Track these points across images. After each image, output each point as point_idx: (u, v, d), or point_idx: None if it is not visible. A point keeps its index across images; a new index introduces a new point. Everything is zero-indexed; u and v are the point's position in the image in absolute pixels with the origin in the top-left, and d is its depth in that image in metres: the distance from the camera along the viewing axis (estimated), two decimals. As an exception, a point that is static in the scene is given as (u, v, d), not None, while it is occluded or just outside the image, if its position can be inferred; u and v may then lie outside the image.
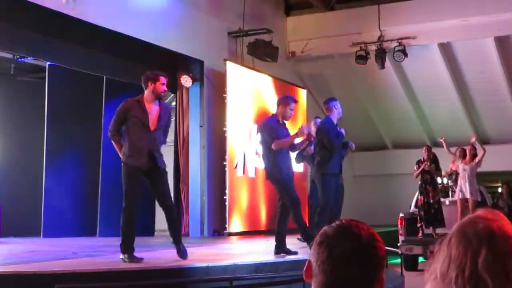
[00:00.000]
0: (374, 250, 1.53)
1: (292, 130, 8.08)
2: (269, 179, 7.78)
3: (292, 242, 8.09)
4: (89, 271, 5.91)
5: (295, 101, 7.88)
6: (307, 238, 7.36)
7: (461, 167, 11.63)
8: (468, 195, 11.36)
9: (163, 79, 6.83)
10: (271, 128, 7.55)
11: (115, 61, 11.20)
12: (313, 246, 1.56)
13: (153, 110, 6.76)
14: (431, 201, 11.59)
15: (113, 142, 6.81)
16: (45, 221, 11.26)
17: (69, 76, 11.44)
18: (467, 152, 11.69)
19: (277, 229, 7.49)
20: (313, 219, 8.59)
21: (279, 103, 7.76)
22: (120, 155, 6.75)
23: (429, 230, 11.81)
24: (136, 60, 11.53)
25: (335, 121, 8.35)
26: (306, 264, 1.55)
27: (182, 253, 6.61)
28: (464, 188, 11.47)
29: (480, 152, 11.58)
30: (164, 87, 6.86)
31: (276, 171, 7.47)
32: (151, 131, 6.65)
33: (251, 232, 12.24)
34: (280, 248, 7.38)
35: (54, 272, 5.74)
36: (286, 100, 7.79)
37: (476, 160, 11.52)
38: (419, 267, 11.53)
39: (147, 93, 6.83)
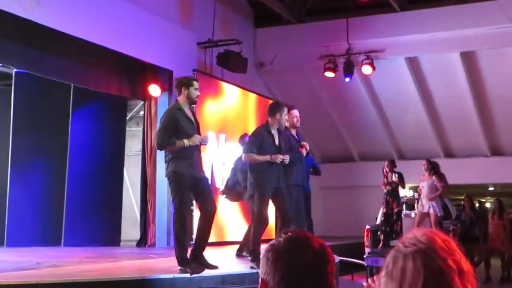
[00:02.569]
0: (327, 257, 1.56)
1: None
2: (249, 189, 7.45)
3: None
4: (53, 282, 5.83)
5: (287, 106, 7.63)
6: (253, 258, 7.22)
7: (420, 184, 11.71)
8: (426, 210, 11.39)
9: (196, 84, 6.71)
10: (254, 135, 7.41)
11: (83, 69, 11.11)
12: (265, 263, 1.55)
13: (190, 116, 6.69)
14: (390, 212, 11.75)
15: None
16: (8, 230, 11.10)
17: (36, 84, 11.32)
18: (423, 168, 11.72)
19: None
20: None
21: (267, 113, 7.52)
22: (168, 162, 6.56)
23: (394, 242, 11.91)
24: (105, 68, 11.46)
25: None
26: (260, 283, 1.55)
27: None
28: (423, 203, 11.51)
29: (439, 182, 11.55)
30: (198, 92, 6.72)
31: (259, 181, 7.23)
32: None
33: (218, 243, 12.20)
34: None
35: (16, 283, 5.65)
36: (273, 107, 7.56)
37: (434, 178, 11.48)
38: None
39: (181, 99, 6.67)
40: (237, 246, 9.35)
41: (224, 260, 8.79)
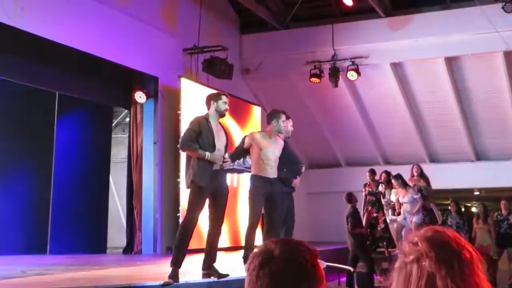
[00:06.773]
0: (314, 267, 1.56)
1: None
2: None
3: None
4: (38, 290, 5.79)
5: (284, 113, 7.61)
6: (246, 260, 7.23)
7: (400, 197, 11.37)
8: (408, 224, 11.18)
9: (225, 98, 6.81)
10: (251, 139, 7.33)
11: (69, 76, 11.07)
12: (251, 268, 1.56)
13: (217, 129, 6.75)
14: (374, 221, 11.80)
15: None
16: (-7, 238, 11.02)
17: (20, 91, 11.26)
18: (395, 184, 11.37)
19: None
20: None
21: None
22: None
23: (382, 248, 12.00)
24: (90, 76, 11.44)
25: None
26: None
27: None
28: (405, 216, 11.35)
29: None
30: (226, 106, 6.81)
31: (252, 183, 7.27)
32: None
33: (204, 250, 12.15)
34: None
35: (2, 291, 5.61)
36: (272, 114, 7.54)
37: (411, 192, 11.22)
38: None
39: (211, 112, 6.79)
40: (225, 252, 9.33)
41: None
